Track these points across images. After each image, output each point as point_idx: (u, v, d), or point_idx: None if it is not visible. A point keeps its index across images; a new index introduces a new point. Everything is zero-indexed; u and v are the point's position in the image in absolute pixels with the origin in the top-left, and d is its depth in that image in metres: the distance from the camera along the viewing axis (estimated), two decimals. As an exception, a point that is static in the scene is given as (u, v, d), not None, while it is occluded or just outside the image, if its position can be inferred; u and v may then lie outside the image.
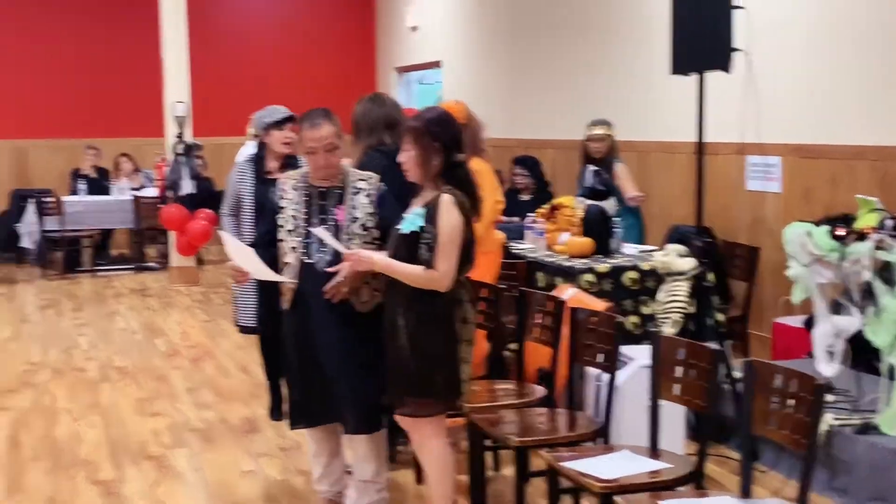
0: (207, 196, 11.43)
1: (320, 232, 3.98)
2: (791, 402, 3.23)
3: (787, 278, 5.10)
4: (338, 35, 14.78)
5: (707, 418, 3.78)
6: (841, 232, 4.68)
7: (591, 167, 6.75)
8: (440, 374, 3.80)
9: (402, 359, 3.83)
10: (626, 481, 3.49)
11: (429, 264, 3.75)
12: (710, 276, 5.70)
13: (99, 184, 12.43)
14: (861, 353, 4.91)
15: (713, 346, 3.84)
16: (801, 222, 4.92)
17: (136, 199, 11.77)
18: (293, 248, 4.13)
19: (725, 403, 5.23)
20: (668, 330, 5.27)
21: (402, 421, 3.95)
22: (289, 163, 5.67)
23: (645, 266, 5.83)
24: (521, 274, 5.96)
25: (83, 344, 8.12)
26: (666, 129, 7.94)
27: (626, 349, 4.90)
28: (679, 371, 3.76)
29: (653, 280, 5.78)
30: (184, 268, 11.02)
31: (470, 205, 3.84)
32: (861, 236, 4.62)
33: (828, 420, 4.61)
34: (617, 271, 5.83)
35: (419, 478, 4.79)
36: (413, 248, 3.78)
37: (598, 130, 7.15)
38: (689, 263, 5.43)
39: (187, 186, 10.78)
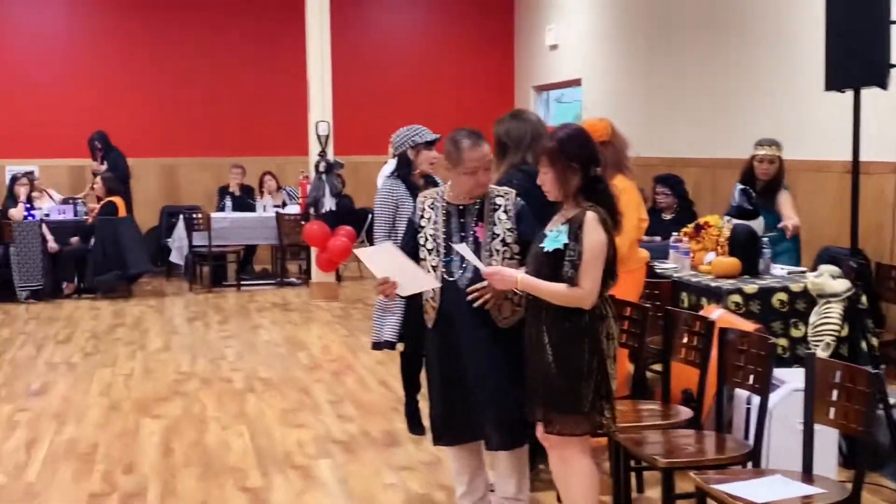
0: (347, 213, 11.67)
1: (462, 248, 4.00)
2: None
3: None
4: (476, 54, 14.89)
5: (863, 444, 3.65)
6: None
7: (740, 185, 6.61)
8: (587, 389, 3.78)
9: (548, 375, 3.81)
10: (779, 506, 3.40)
11: (573, 282, 3.73)
12: (864, 299, 5.52)
13: (243, 201, 12.80)
14: None
15: (869, 369, 3.71)
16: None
17: (279, 216, 12.06)
18: (434, 266, 4.16)
19: (879, 430, 5.03)
20: (820, 353, 5.12)
21: (547, 439, 3.93)
22: (428, 181, 5.76)
23: (795, 287, 5.67)
24: (666, 293, 5.87)
25: (229, 355, 8.35)
26: (816, 148, 7.70)
27: (776, 372, 4.77)
28: (834, 394, 3.65)
29: (803, 302, 5.62)
30: (324, 283, 11.23)
31: (611, 220, 3.82)
32: None
33: None
34: (765, 292, 5.68)
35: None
36: (556, 265, 3.77)
37: (766, 151, 6.69)
38: (842, 285, 5.27)
39: (328, 204, 11.02)
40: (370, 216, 11.30)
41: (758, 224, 6.47)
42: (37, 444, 5.92)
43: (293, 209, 12.24)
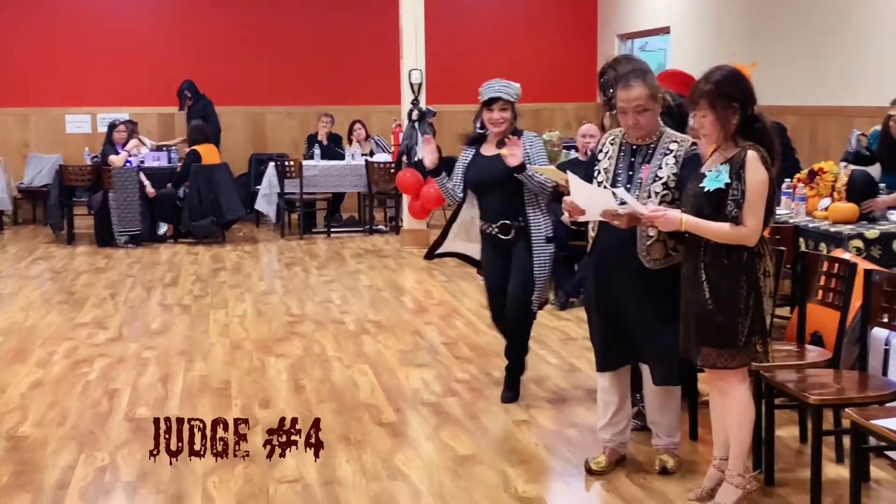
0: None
1: (622, 192, 4.08)
2: None
3: None
4: (558, 1, 14.86)
5: None
6: None
7: (857, 131, 6.62)
8: (743, 325, 3.88)
9: (704, 311, 3.91)
10: (939, 441, 3.49)
11: (737, 221, 3.82)
12: None
13: (331, 149, 12.95)
14: None
15: None
16: None
17: (369, 163, 12.20)
18: None
19: None
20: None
21: (710, 373, 4.04)
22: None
23: (917, 233, 5.72)
24: (788, 239, 5.93)
25: (335, 299, 8.54)
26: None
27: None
28: None
29: (926, 247, 5.67)
30: (415, 230, 11.38)
31: (769, 157, 3.90)
32: None
33: None
34: (887, 237, 5.74)
35: (693, 432, 4.89)
36: (717, 204, 3.86)
37: None
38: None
39: (420, 152, 11.12)
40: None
41: (875, 170, 6.49)
42: (171, 380, 6.16)
43: (380, 157, 12.37)
